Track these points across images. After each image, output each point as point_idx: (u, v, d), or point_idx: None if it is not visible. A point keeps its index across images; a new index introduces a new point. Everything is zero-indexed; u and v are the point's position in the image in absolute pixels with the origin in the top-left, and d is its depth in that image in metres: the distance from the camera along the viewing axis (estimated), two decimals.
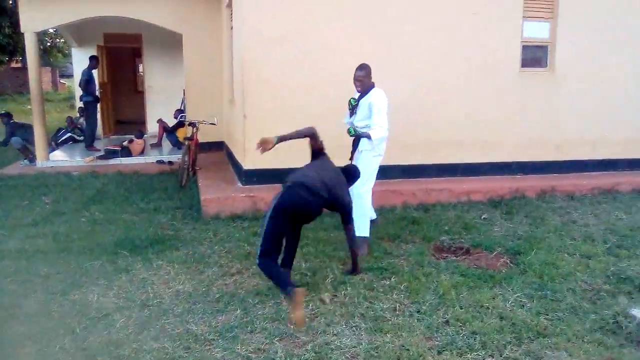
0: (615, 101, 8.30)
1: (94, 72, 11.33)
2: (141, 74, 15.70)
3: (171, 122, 11.72)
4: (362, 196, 5.24)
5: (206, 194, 6.80)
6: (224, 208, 6.49)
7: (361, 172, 5.22)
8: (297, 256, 4.89)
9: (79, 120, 12.94)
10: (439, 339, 3.62)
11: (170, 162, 9.94)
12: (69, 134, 12.35)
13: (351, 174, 4.73)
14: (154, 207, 6.91)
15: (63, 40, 27.10)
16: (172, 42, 11.86)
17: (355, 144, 5.35)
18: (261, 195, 6.50)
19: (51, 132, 11.96)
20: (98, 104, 11.47)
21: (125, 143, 10.56)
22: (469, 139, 7.68)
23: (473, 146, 7.73)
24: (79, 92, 12.18)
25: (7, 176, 8.90)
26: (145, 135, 11.40)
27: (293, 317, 3.76)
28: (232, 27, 8.49)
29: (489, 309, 4.02)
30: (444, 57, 7.45)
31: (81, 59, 13.02)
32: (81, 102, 11.58)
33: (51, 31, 21.91)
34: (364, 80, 5.20)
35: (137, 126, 13.04)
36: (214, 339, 3.61)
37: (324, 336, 3.63)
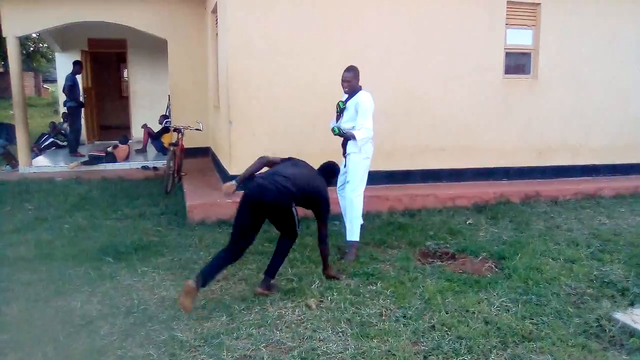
0: (597, 108, 8.42)
1: (78, 77, 11.23)
2: (126, 79, 15.60)
3: (156, 127, 11.64)
4: (354, 201, 5.25)
5: (191, 200, 6.77)
6: (209, 214, 6.46)
7: (351, 177, 5.24)
8: (284, 262, 4.88)
9: (63, 126, 12.80)
10: (425, 343, 3.62)
11: (155, 168, 9.87)
12: (51, 140, 12.22)
13: (329, 170, 4.75)
14: (138, 213, 6.85)
15: (46, 45, 26.83)
16: (157, 47, 11.81)
17: (345, 147, 5.35)
18: None
19: (34, 138, 11.82)
20: (82, 110, 11.37)
21: (109, 149, 10.47)
22: (453, 145, 7.75)
23: (457, 152, 7.79)
24: (62, 98, 12.07)
25: None
26: (130, 141, 11.31)
27: (180, 302, 3.97)
28: (217, 33, 8.48)
29: (474, 313, 4.04)
30: (428, 64, 7.51)
31: (65, 64, 12.88)
32: (65, 108, 11.48)
33: (34, 36, 21.67)
34: (351, 81, 5.22)
35: (122, 132, 12.94)
36: (200, 346, 3.58)
37: (310, 342, 3.62)
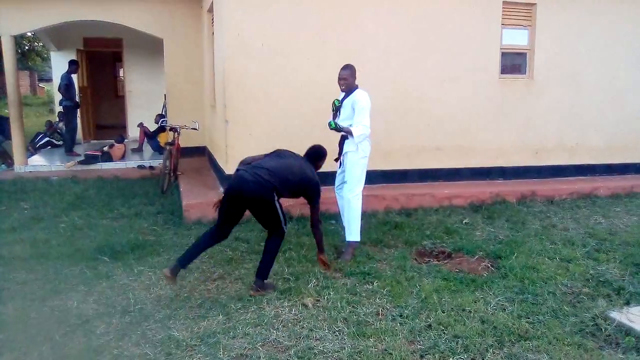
0: (594, 107, 8.45)
1: (74, 76, 11.20)
2: (122, 78, 15.57)
3: (152, 127, 11.63)
4: (352, 201, 5.24)
5: (188, 199, 6.76)
6: (205, 213, 6.44)
7: (349, 176, 5.24)
8: (280, 261, 4.90)
9: (59, 125, 12.78)
10: (421, 342, 3.63)
11: (151, 167, 9.86)
12: (47, 139, 12.18)
13: (315, 154, 4.79)
14: (135, 213, 6.83)
15: (42, 44, 26.74)
16: (153, 46, 11.79)
17: (342, 146, 5.35)
18: None
19: (29, 137, 11.78)
20: (78, 109, 11.34)
21: (105, 148, 10.44)
22: (450, 144, 7.76)
23: (454, 152, 7.80)
24: (58, 97, 12.03)
25: None
26: (126, 140, 11.30)
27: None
28: (213, 32, 8.47)
29: (470, 312, 4.05)
30: (425, 65, 7.51)
31: (60, 63, 12.86)
32: (61, 107, 11.45)
33: (29, 34, 21.60)
34: (348, 80, 5.21)
35: (118, 131, 12.92)
36: (196, 345, 3.57)
37: (307, 341, 3.62)
